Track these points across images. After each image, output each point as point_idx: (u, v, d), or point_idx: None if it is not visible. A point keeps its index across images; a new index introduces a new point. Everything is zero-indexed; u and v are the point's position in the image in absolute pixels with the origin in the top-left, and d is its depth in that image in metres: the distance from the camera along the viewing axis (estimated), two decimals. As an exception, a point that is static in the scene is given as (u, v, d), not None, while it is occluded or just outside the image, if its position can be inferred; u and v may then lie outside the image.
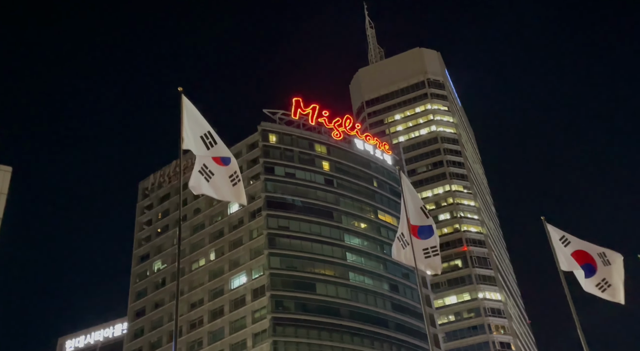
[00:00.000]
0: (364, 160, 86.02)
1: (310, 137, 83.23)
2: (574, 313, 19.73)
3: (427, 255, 17.57)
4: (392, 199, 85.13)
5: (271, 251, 71.48)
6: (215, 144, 14.60)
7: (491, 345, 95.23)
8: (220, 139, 14.68)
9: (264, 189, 76.37)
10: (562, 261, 20.91)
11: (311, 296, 69.43)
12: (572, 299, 19.99)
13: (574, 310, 19.73)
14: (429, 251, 17.65)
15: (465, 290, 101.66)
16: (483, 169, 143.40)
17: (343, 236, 76.52)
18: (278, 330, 65.88)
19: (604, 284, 19.45)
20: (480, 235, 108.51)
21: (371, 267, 75.78)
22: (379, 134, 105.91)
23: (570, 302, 19.94)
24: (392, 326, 71.61)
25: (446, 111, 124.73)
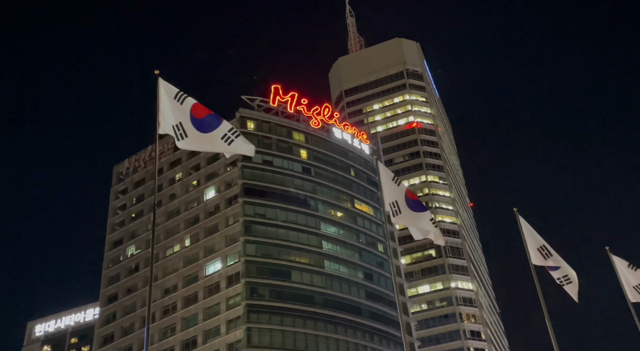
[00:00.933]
0: (341, 149, 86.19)
1: (289, 125, 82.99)
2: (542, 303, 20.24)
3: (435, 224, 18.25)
4: (368, 188, 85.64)
5: (247, 238, 71.41)
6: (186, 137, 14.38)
7: (462, 333, 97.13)
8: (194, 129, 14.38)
9: (241, 176, 76.03)
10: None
11: (286, 283, 69.70)
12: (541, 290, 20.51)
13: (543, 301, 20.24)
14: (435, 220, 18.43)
15: (438, 280, 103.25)
16: (459, 161, 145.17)
17: (319, 224, 76.80)
18: (252, 317, 66.04)
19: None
20: (455, 226, 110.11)
21: (346, 256, 76.31)
22: (357, 124, 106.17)
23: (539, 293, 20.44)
24: (365, 314, 72.40)
25: (424, 102, 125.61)
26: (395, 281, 20.47)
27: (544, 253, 21.22)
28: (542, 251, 21.32)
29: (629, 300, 23.82)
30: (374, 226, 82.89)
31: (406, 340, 74.81)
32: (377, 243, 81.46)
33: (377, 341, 71.52)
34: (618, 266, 24.71)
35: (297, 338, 66.47)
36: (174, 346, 70.01)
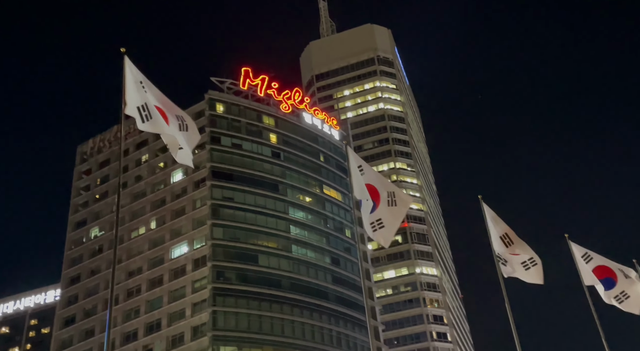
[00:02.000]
0: (311, 134, 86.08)
1: (259, 108, 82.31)
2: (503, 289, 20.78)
3: (374, 229, 17.75)
4: (337, 174, 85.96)
5: (214, 222, 70.95)
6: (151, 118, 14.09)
7: (425, 317, 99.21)
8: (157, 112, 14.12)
9: (210, 159, 75.25)
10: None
11: (253, 267, 69.70)
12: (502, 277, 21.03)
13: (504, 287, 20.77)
14: (375, 225, 17.85)
15: (403, 265, 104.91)
16: (427, 148, 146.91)
17: (288, 209, 76.82)
18: (218, 300, 65.91)
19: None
20: (421, 212, 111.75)
21: (314, 240, 76.67)
22: (328, 109, 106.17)
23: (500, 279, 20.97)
24: (332, 299, 73.11)
25: (394, 89, 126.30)
26: (362, 266, 20.72)
27: (505, 241, 21.67)
28: (504, 239, 21.77)
29: (584, 283, 24.70)
30: (342, 211, 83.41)
31: (370, 323, 75.97)
32: (344, 229, 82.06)
33: (342, 325, 72.42)
34: (576, 253, 25.57)
35: (263, 321, 66.75)
36: (138, 328, 69.47)
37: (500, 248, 21.48)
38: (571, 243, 25.83)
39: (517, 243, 21.46)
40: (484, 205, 22.47)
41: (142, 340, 68.33)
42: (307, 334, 68.39)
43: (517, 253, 21.34)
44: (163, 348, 66.41)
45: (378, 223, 17.60)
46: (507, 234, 21.81)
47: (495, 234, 21.77)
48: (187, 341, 65.02)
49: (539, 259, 20.83)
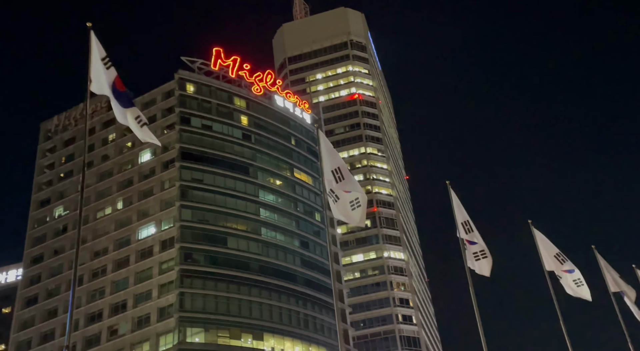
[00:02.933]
0: (283, 117, 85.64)
1: (230, 90, 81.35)
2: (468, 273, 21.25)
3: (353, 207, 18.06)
4: (308, 158, 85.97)
5: (183, 204, 70.29)
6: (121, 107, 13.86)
7: (391, 300, 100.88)
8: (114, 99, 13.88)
9: (179, 140, 74.24)
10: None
11: (222, 249, 69.47)
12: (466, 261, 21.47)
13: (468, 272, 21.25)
14: (354, 203, 18.15)
15: (372, 249, 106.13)
16: (397, 134, 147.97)
17: (258, 192, 76.60)
18: (186, 282, 65.63)
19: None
20: (390, 197, 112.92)
21: (284, 224, 76.78)
22: (300, 92, 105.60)
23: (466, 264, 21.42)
24: (300, 281, 73.58)
25: (366, 74, 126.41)
26: (330, 250, 20.93)
27: (466, 228, 22.16)
28: (465, 226, 22.25)
29: (545, 269, 25.51)
30: (312, 195, 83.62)
31: (338, 306, 76.87)
32: (314, 212, 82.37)
33: (310, 308, 73.09)
34: (538, 238, 26.32)
35: (231, 303, 66.82)
36: (103, 309, 68.77)
37: (462, 235, 21.98)
38: (534, 229, 26.56)
39: (474, 232, 21.97)
40: (452, 191, 22.85)
41: (107, 320, 67.70)
42: (274, 316, 68.81)
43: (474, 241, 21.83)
44: (128, 328, 65.99)
45: (356, 201, 17.89)
46: (468, 221, 22.31)
47: (459, 220, 22.25)
48: (153, 323, 64.72)
49: (489, 253, 21.32)
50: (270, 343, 66.63)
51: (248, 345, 64.89)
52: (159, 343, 63.29)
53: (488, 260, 21.63)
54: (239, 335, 65.08)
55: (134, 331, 65.49)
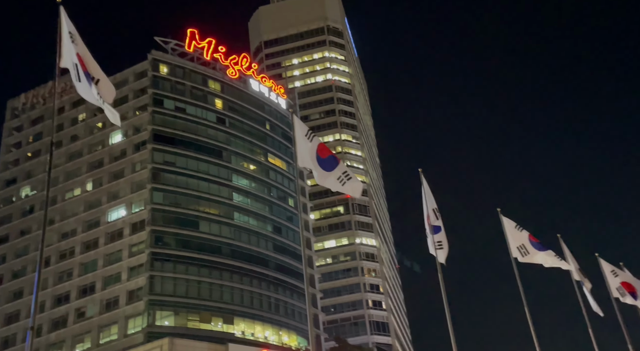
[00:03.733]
0: (258, 101, 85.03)
1: (204, 72, 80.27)
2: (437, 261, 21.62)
3: (342, 182, 18.01)
4: (283, 143, 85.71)
5: (155, 186, 69.47)
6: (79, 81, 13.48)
7: (362, 286, 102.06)
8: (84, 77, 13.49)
9: (151, 122, 73.11)
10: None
11: (193, 233, 69.06)
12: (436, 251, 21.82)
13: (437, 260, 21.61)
14: (342, 178, 18.14)
15: (344, 235, 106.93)
16: (372, 121, 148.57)
17: (231, 176, 76.17)
18: (156, 265, 65.13)
19: None
20: (364, 184, 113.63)
21: (257, 208, 76.65)
22: (275, 77, 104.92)
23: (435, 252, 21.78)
24: (272, 266, 73.77)
25: (343, 60, 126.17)
26: (303, 236, 20.97)
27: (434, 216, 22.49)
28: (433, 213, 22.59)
29: (512, 256, 26.12)
30: (286, 180, 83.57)
31: (309, 291, 77.10)
32: (287, 198, 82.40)
33: (282, 292, 73.44)
34: (507, 226, 26.88)
35: (202, 287, 66.65)
36: (70, 291, 67.87)
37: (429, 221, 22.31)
38: (502, 216, 27.09)
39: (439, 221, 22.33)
40: (424, 179, 23.10)
41: (74, 302, 66.87)
42: (245, 300, 68.94)
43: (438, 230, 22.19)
44: (96, 311, 65.35)
45: (345, 175, 17.96)
46: (435, 209, 22.65)
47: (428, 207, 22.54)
48: (122, 305, 64.21)
49: (447, 245, 21.71)
50: (241, 327, 66.84)
51: (218, 328, 64.96)
52: (128, 326, 62.89)
53: (444, 251, 21.93)
54: (209, 319, 65.07)
55: (102, 313, 64.89)
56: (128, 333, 62.40)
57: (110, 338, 63.14)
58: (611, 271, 31.40)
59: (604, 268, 31.33)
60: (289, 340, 70.96)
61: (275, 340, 68.90)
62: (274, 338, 69.11)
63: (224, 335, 63.04)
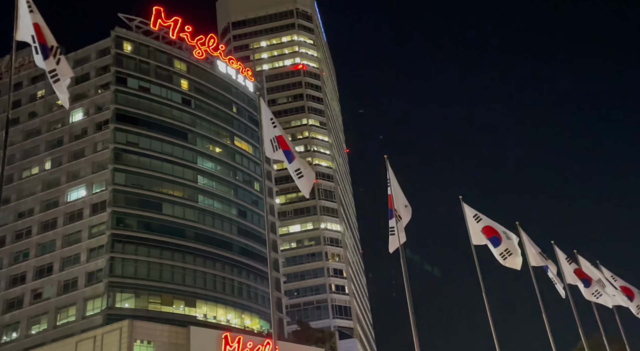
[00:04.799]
0: (225, 83, 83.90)
1: (170, 52, 78.56)
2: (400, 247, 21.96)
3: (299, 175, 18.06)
4: (249, 126, 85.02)
5: (116, 167, 68.01)
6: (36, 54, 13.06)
7: (326, 270, 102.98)
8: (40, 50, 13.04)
9: (114, 101, 71.30)
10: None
11: (156, 215, 68.08)
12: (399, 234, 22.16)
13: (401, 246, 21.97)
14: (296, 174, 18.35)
15: (309, 220, 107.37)
16: (339, 107, 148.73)
17: (196, 158, 75.22)
18: (117, 247, 64.03)
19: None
20: (330, 170, 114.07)
21: (222, 192, 76.04)
22: (243, 59, 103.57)
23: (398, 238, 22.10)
24: (236, 250, 73.54)
25: (311, 44, 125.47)
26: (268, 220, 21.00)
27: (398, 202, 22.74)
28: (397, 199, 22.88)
29: (472, 242, 26.77)
30: (251, 164, 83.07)
31: (272, 275, 77.61)
32: (253, 182, 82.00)
33: (245, 276, 73.39)
34: (467, 214, 27.48)
35: (164, 270, 65.95)
36: (27, 271, 66.18)
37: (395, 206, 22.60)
38: (464, 204, 27.69)
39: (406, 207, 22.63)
40: (389, 166, 23.34)
41: (30, 283, 65.28)
42: (208, 283, 68.63)
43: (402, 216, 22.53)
44: (54, 292, 64.00)
45: (297, 173, 18.21)
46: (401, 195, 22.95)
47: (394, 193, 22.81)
48: (80, 287, 63.07)
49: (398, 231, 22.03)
50: (203, 310, 66.61)
51: (180, 311, 64.56)
52: (86, 308, 61.85)
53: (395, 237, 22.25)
54: (171, 302, 64.56)
55: (60, 295, 63.61)
56: (87, 314, 61.40)
57: (68, 319, 62.02)
58: (566, 258, 32.59)
59: (559, 255, 32.48)
60: (252, 323, 71.16)
61: (238, 323, 68.99)
62: (237, 321, 69.18)
63: (185, 318, 62.71)
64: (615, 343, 43.39)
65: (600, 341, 41.07)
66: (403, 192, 23.10)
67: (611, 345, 36.95)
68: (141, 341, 51.70)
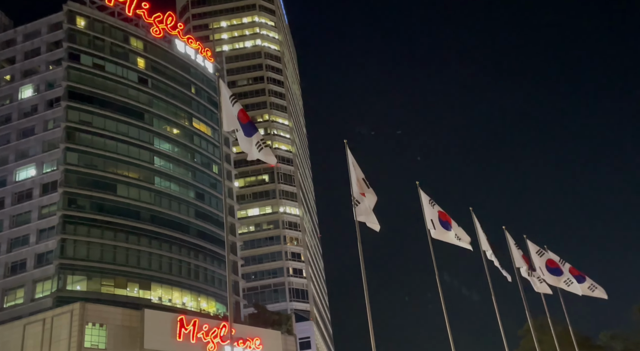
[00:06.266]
0: (183, 63, 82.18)
1: (126, 29, 76.19)
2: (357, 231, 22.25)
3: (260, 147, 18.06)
4: (208, 108, 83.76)
5: (69, 146, 65.89)
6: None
7: (284, 254, 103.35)
8: None
9: (66, 78, 68.79)
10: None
11: (110, 197, 66.50)
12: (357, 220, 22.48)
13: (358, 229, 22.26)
14: (260, 143, 18.17)
15: (268, 204, 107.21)
16: (300, 91, 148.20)
17: (153, 139, 73.64)
18: (68, 228, 62.31)
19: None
20: (289, 153, 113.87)
21: (179, 174, 74.87)
22: (202, 39, 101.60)
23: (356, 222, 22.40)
24: (193, 233, 72.77)
25: (273, 26, 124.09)
26: (226, 203, 20.78)
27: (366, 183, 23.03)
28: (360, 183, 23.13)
29: (427, 229, 27.46)
30: (210, 146, 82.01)
31: (229, 258, 77.11)
32: (212, 164, 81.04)
33: (202, 259, 72.83)
34: (423, 200, 28.10)
35: (118, 252, 64.66)
36: (-28, 253, 63.75)
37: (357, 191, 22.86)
38: (420, 190, 28.27)
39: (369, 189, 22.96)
40: (348, 150, 23.52)
41: (-24, 265, 62.90)
42: (164, 266, 67.78)
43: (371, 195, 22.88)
44: (1, 274, 61.98)
45: (262, 142, 18.31)
46: (364, 179, 23.23)
47: (354, 178, 23.04)
48: (29, 269, 61.24)
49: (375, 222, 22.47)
50: (158, 293, 65.82)
51: (134, 294, 63.60)
52: (35, 290, 60.17)
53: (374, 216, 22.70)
54: (125, 284, 63.46)
55: (7, 276, 61.63)
56: (35, 297, 59.75)
57: (16, 301, 60.24)
58: (514, 244, 33.86)
59: (509, 240, 33.72)
60: (208, 306, 70.86)
61: (194, 306, 68.56)
62: (192, 304, 68.73)
63: (140, 301, 61.86)
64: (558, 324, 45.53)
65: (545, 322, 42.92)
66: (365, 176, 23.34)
67: (555, 325, 38.76)
68: (93, 324, 50.76)
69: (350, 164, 23.34)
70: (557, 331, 39.68)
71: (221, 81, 20.05)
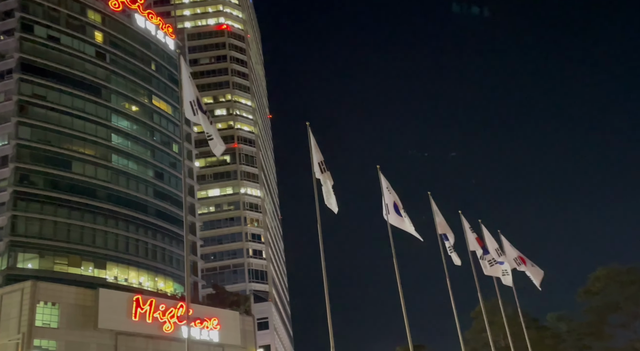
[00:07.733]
0: (143, 39, 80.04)
1: (83, 1, 73.55)
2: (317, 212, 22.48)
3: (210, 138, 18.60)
4: (169, 85, 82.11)
5: (21, 120, 63.57)
6: None
7: (244, 235, 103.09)
8: None
9: (19, 49, 66.07)
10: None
11: (65, 173, 64.70)
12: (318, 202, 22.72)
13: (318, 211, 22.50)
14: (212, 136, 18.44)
15: (229, 185, 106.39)
16: (264, 71, 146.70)
17: (110, 116, 71.78)
18: (20, 205, 60.41)
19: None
20: (252, 134, 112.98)
21: (138, 152, 73.38)
22: (163, 15, 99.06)
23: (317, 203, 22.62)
24: (151, 212, 71.73)
25: (236, 4, 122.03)
26: (185, 183, 20.52)
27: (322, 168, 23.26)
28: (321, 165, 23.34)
29: (385, 213, 27.98)
30: (170, 125, 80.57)
31: (188, 238, 76.47)
32: (172, 143, 79.73)
33: (160, 239, 71.97)
34: (382, 184, 28.56)
35: (72, 230, 63.17)
36: None
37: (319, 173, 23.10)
38: (381, 174, 28.70)
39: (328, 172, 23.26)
40: (310, 133, 23.65)
41: None
42: (120, 245, 66.68)
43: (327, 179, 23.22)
44: (-53, 252, 59.67)
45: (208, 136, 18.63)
46: (323, 161, 23.46)
47: (316, 160, 23.23)
48: (-22, 247, 59.20)
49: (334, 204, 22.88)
50: (114, 273, 64.82)
51: (89, 273, 62.43)
52: (-16, 268, 58.32)
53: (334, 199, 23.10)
54: (79, 263, 62.20)
55: (-46, 255, 59.43)
56: (-16, 275, 57.90)
57: (-37, 280, 58.22)
58: (469, 227, 34.86)
59: (464, 223, 34.68)
60: (165, 286, 70.25)
61: (151, 286, 67.88)
62: (149, 284, 68.03)
63: (94, 280, 60.80)
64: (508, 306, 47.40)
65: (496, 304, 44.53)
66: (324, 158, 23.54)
67: (506, 307, 40.33)
68: (45, 302, 49.67)
69: (312, 147, 23.50)
70: (507, 313, 41.31)
71: (183, 61, 19.75)
